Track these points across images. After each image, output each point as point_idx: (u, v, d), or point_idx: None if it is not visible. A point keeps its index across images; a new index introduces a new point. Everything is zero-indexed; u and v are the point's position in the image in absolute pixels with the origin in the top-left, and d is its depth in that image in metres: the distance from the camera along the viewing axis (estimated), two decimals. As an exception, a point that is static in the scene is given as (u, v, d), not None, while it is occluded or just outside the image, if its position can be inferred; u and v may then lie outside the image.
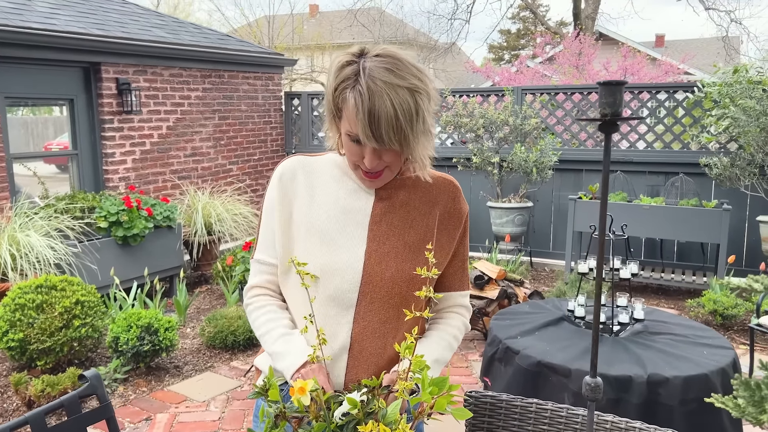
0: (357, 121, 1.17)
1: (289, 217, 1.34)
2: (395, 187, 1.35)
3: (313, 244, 1.30)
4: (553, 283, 5.58)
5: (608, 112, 0.97)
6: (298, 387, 0.94)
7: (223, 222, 5.67)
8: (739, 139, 5.07)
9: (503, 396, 1.71)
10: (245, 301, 1.41)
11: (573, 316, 2.89)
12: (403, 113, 1.16)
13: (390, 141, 1.18)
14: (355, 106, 1.17)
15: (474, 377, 3.67)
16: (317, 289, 1.28)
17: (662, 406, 2.36)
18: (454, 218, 1.38)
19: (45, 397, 3.08)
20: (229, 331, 4.00)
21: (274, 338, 1.30)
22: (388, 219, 1.33)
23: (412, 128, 1.19)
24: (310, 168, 1.37)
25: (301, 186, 1.35)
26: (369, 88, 1.16)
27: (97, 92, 5.47)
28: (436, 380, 1.00)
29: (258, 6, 44.92)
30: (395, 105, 1.15)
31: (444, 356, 1.38)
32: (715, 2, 15.60)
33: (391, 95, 1.16)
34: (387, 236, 1.32)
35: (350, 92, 1.18)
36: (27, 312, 3.46)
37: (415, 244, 1.33)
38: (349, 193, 1.34)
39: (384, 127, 1.16)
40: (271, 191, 1.37)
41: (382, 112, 1.15)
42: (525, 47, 27.69)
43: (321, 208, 1.33)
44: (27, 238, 4.14)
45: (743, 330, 4.34)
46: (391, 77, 1.17)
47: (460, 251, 1.42)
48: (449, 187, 1.40)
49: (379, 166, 1.24)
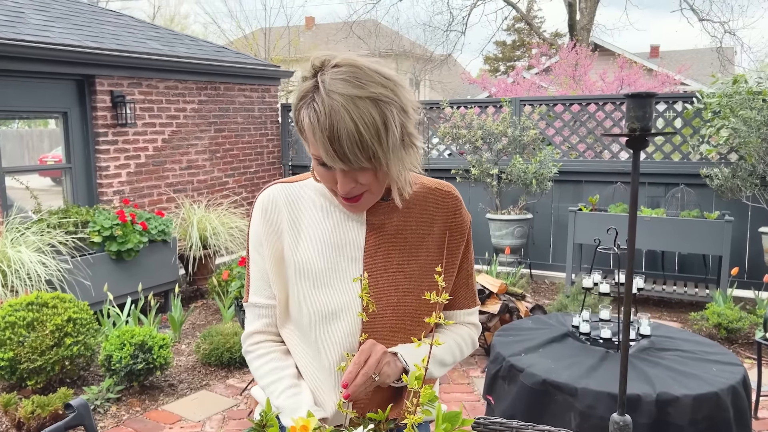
0: (317, 142, 1.05)
1: (279, 254, 1.23)
2: (387, 211, 1.23)
3: (306, 287, 1.20)
4: (554, 296, 5.51)
5: (637, 127, 0.90)
6: (300, 425, 0.87)
7: (219, 235, 5.59)
8: (739, 150, 5.03)
9: (513, 423, 1.64)
10: (244, 348, 1.29)
11: (578, 332, 2.82)
12: (366, 127, 1.03)
13: (357, 160, 1.05)
14: (311, 126, 1.05)
15: (476, 394, 3.60)
16: (317, 335, 1.20)
17: (672, 426, 2.29)
18: (455, 233, 1.28)
19: (35, 419, 2.99)
20: (225, 348, 3.92)
21: (280, 391, 1.20)
22: (383, 250, 1.22)
23: (380, 143, 1.05)
24: (292, 197, 1.24)
25: (285, 220, 1.23)
26: (325, 104, 1.03)
27: (92, 105, 5.41)
28: (448, 415, 0.93)
29: (254, 18, 45.05)
30: (355, 119, 1.02)
31: (444, 358, 1.27)
32: (709, 13, 15.73)
33: (350, 109, 1.03)
34: (384, 269, 1.22)
35: (305, 111, 1.06)
36: (17, 330, 3.37)
37: (415, 273, 1.23)
38: (338, 225, 1.22)
39: (347, 145, 1.03)
40: (256, 226, 1.25)
41: (341, 129, 1.02)
42: (520, 58, 27.81)
43: (309, 246, 1.22)
44: (18, 254, 4.06)
45: (748, 343, 4.27)
46: (349, 89, 1.04)
47: (464, 267, 1.31)
48: (447, 200, 1.28)
49: (355, 190, 1.12)
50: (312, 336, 1.21)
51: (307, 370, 1.24)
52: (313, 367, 1.22)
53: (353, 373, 1.09)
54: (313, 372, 1.23)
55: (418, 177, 1.29)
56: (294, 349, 1.26)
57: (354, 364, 1.10)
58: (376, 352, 1.12)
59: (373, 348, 1.13)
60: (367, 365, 1.10)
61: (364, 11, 21.90)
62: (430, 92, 27.51)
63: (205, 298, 5.60)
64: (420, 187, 1.27)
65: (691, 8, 15.60)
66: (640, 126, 0.92)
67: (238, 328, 4.07)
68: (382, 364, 1.12)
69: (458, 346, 1.32)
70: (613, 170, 5.92)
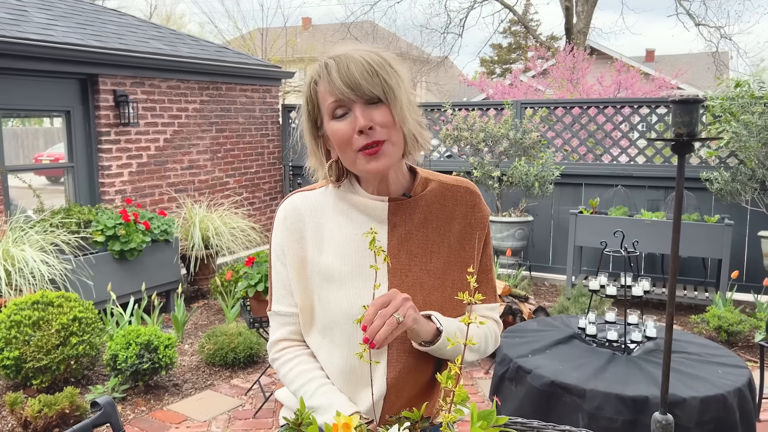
0: (331, 82, 1.14)
1: (302, 261, 1.24)
2: (407, 211, 1.25)
3: (331, 290, 1.22)
4: (554, 298, 5.54)
5: (684, 132, 0.92)
6: (342, 423, 0.88)
7: (221, 236, 5.59)
8: (739, 154, 5.07)
9: (534, 423, 1.66)
10: (271, 356, 1.31)
11: (584, 334, 2.84)
12: (375, 62, 1.14)
13: (369, 84, 1.12)
14: (326, 73, 1.15)
15: (480, 395, 3.61)
16: (342, 339, 1.21)
17: (679, 427, 2.31)
18: (475, 228, 1.29)
19: (42, 418, 2.99)
20: (230, 348, 3.93)
21: (313, 390, 1.21)
22: (406, 248, 1.24)
23: (389, 76, 1.14)
24: (313, 204, 1.27)
25: (308, 226, 1.25)
26: (334, 58, 1.15)
27: (94, 104, 5.40)
28: (483, 413, 0.95)
29: (251, 18, 45.01)
30: (364, 56, 1.14)
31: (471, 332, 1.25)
32: (705, 18, 15.84)
33: (359, 53, 1.15)
34: (408, 267, 1.23)
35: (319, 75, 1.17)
36: (23, 329, 3.37)
37: (439, 270, 1.24)
38: (360, 227, 1.24)
39: (357, 72, 1.12)
40: (278, 236, 1.27)
41: (351, 63, 1.13)
42: (516, 61, 27.90)
43: (333, 250, 1.23)
44: (22, 253, 4.06)
45: (748, 346, 4.31)
46: (354, 49, 1.17)
47: (483, 261, 1.32)
48: (466, 196, 1.30)
49: (374, 133, 1.14)
50: (339, 339, 1.22)
51: (335, 373, 1.24)
52: (341, 369, 1.23)
53: (371, 314, 1.07)
54: (342, 374, 1.23)
55: (436, 175, 1.32)
56: (320, 354, 1.27)
57: (373, 305, 1.08)
58: (397, 296, 1.11)
59: (395, 293, 1.12)
60: (387, 308, 1.08)
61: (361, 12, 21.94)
62: (426, 94, 27.55)
63: (207, 298, 5.60)
64: (437, 185, 1.29)
65: (687, 13, 15.69)
66: (687, 131, 0.94)
67: (242, 328, 4.08)
68: (405, 307, 1.10)
69: (485, 336, 1.32)
70: (613, 173, 5.95)
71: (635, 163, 6.04)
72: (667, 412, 1.13)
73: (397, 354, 1.21)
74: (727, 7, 30.60)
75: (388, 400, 1.21)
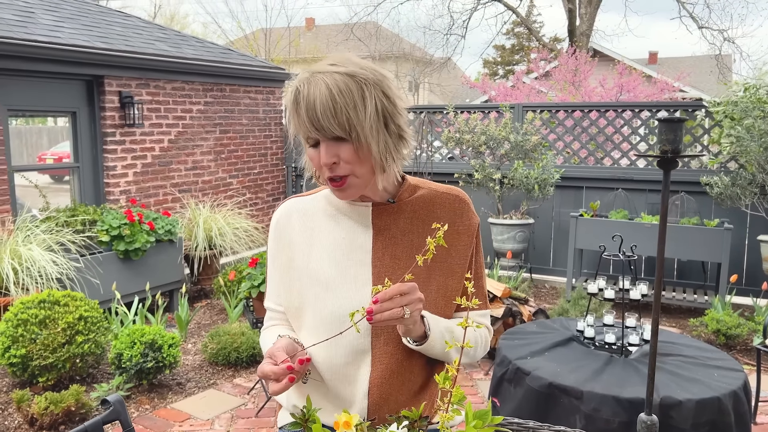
0: (298, 115, 1.15)
1: (288, 264, 1.31)
2: (393, 214, 1.28)
3: (319, 292, 1.27)
4: (554, 301, 5.58)
5: (669, 149, 0.97)
6: (343, 421, 0.93)
7: (225, 236, 5.64)
8: (740, 159, 5.10)
9: (530, 423, 1.70)
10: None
11: (582, 336, 2.88)
12: (340, 93, 1.10)
13: (331, 126, 1.11)
14: (295, 108, 1.15)
15: (479, 396, 3.66)
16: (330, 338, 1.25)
17: (675, 429, 2.35)
18: (463, 235, 1.32)
19: (48, 415, 3.04)
20: (233, 348, 3.97)
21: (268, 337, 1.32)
22: (390, 252, 1.27)
23: (355, 114, 1.11)
24: (305, 209, 1.33)
25: (297, 231, 1.31)
26: (304, 81, 1.14)
27: (100, 105, 5.46)
28: (479, 413, 0.99)
29: (255, 19, 45.08)
30: (330, 87, 1.10)
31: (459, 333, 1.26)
32: (709, 21, 15.85)
33: (327, 80, 1.11)
34: (392, 271, 1.26)
35: (292, 104, 1.16)
36: (30, 327, 3.42)
37: (423, 274, 1.26)
38: (347, 231, 1.28)
39: (320, 110, 1.10)
40: (271, 240, 1.35)
41: (316, 95, 1.11)
42: (519, 62, 27.93)
43: (321, 253, 1.28)
44: (29, 251, 4.11)
45: (746, 350, 4.34)
46: (327, 67, 1.15)
47: (474, 269, 1.35)
48: (454, 203, 1.33)
49: (338, 168, 1.16)
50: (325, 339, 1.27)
51: (321, 371, 1.29)
52: (327, 367, 1.28)
53: (391, 293, 1.09)
54: (327, 372, 1.28)
55: (428, 183, 1.35)
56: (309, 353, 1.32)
57: (397, 287, 1.10)
58: (416, 293, 1.12)
59: (415, 289, 1.13)
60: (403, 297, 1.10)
61: (365, 13, 21.97)
62: (429, 95, 27.60)
63: (210, 297, 5.65)
64: (427, 191, 1.33)
65: (691, 16, 15.71)
66: (672, 148, 0.98)
67: (245, 328, 4.13)
68: (417, 307, 1.12)
69: (475, 339, 1.34)
70: (614, 177, 5.99)
71: (636, 167, 6.08)
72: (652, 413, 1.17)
73: (379, 356, 1.25)
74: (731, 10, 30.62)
75: (372, 399, 1.26)
